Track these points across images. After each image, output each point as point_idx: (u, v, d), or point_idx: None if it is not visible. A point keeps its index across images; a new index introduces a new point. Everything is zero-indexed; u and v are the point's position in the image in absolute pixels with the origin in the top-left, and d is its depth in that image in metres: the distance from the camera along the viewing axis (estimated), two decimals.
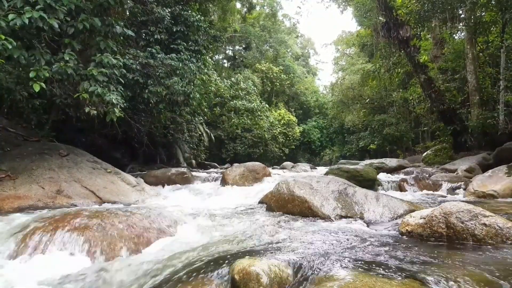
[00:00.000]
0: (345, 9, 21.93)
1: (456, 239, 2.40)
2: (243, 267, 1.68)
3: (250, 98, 25.40)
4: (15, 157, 5.31)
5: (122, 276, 2.03)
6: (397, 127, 22.73)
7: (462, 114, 12.66)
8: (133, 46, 8.92)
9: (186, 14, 10.38)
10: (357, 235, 2.64)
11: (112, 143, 10.90)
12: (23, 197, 4.36)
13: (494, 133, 10.73)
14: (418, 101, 19.14)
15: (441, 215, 2.57)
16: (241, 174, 7.73)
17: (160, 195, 6.11)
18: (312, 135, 36.07)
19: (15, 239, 2.51)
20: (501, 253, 2.05)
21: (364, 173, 6.74)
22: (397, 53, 16.18)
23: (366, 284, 1.42)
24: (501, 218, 2.45)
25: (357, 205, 3.47)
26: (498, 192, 5.16)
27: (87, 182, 5.17)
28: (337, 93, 30.80)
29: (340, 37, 35.21)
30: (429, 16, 11.55)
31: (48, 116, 7.95)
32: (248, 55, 34.26)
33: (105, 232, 2.57)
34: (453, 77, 13.29)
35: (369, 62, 26.13)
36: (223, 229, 3.00)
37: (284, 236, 2.63)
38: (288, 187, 3.82)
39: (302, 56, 46.29)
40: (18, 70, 5.10)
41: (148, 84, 8.71)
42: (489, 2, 9.92)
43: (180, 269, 1.95)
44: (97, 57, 5.17)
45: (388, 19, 14.64)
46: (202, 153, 19.24)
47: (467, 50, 11.88)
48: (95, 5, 5.21)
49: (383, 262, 1.86)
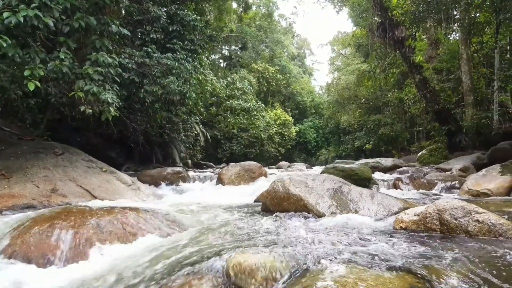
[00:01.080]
0: (340, 10, 22.02)
1: (449, 236, 2.43)
2: (238, 262, 1.69)
3: (246, 98, 25.40)
4: (10, 156, 5.28)
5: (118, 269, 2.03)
6: (392, 127, 22.86)
7: (456, 114, 12.76)
8: (128, 45, 8.90)
9: (182, 13, 10.37)
10: (351, 232, 2.65)
11: (107, 143, 10.87)
12: (18, 195, 4.34)
13: (488, 133, 10.83)
14: (413, 101, 19.26)
15: (435, 212, 2.59)
16: (237, 174, 7.74)
17: (156, 194, 6.10)
18: (308, 135, 36.13)
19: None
20: (494, 248, 2.07)
21: (359, 172, 6.76)
22: (392, 53, 16.23)
23: (360, 278, 1.43)
24: (494, 215, 2.48)
25: (352, 202, 3.49)
26: (492, 191, 5.21)
27: (82, 181, 5.15)
28: (332, 93, 30.88)
29: (336, 38, 35.33)
30: (424, 17, 11.64)
31: (43, 115, 7.91)
32: (244, 55, 34.26)
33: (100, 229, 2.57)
34: (447, 78, 13.40)
35: (364, 63, 26.21)
36: (217, 227, 3.01)
37: (279, 232, 2.64)
38: (283, 186, 3.83)
39: (298, 56, 46.36)
40: (12, 68, 5.07)
41: (143, 83, 8.69)
42: (483, 3, 10.01)
43: (175, 265, 1.96)
44: (93, 56, 5.17)
45: (384, 19, 14.71)
46: (198, 153, 19.23)
47: (462, 50, 11.98)
48: (91, 4, 5.20)
49: (377, 258, 1.88)
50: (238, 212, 4.06)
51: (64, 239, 2.40)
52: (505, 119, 10.77)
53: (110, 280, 1.92)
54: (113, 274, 1.99)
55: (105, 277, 1.96)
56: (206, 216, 3.71)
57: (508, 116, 11.04)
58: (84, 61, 5.21)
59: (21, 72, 4.51)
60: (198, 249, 2.23)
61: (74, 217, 2.65)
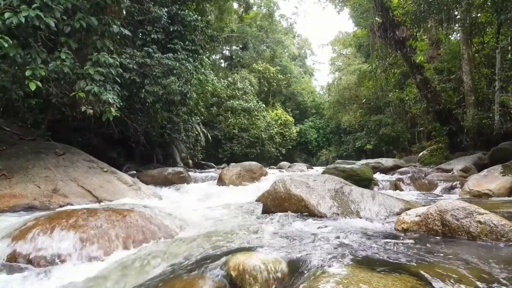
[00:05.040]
0: (341, 10, 22.03)
1: (451, 237, 2.42)
2: (239, 263, 1.69)
3: (247, 98, 25.42)
4: (11, 156, 5.29)
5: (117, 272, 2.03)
6: (393, 128, 22.83)
7: (457, 115, 12.73)
8: (129, 45, 8.90)
9: (183, 13, 10.37)
10: (353, 232, 2.65)
11: (108, 143, 10.88)
12: (19, 196, 4.34)
13: (489, 133, 10.81)
14: (414, 102, 19.23)
15: (437, 212, 2.59)
16: (238, 174, 7.74)
17: (156, 194, 6.10)
18: (309, 135, 36.14)
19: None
20: (496, 249, 2.07)
21: (360, 172, 6.76)
22: (393, 53, 16.22)
23: (362, 279, 1.43)
24: (496, 216, 2.47)
25: (353, 203, 3.48)
26: (493, 191, 5.19)
27: (83, 181, 5.15)
28: (333, 94, 30.88)
29: (337, 38, 35.35)
30: (425, 17, 11.62)
31: (44, 115, 7.92)
32: (245, 55, 34.27)
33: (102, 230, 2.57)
34: (449, 78, 13.36)
35: (365, 63, 26.21)
36: (219, 227, 3.01)
37: (280, 233, 2.64)
38: (284, 186, 3.82)
39: (299, 56, 46.39)
40: (14, 69, 5.07)
41: (144, 84, 8.70)
42: (484, 3, 10.00)
43: (177, 265, 1.96)
44: (94, 56, 5.17)
45: (385, 19, 14.69)
46: (199, 153, 19.25)
47: (463, 50, 11.96)
48: (92, 4, 5.20)
49: (379, 259, 1.88)
50: (239, 212, 4.06)
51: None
52: (506, 119, 10.76)
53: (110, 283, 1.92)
54: (115, 275, 1.99)
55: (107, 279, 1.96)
56: (207, 216, 3.71)
57: (510, 116, 11.03)
58: (85, 62, 5.22)
59: (22, 72, 4.52)
60: (199, 249, 2.23)
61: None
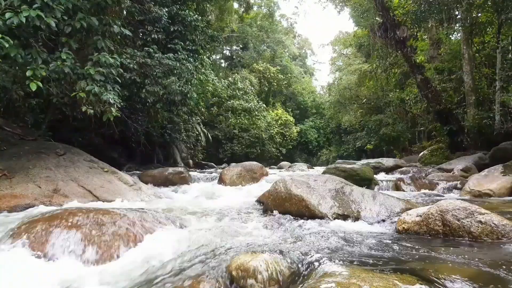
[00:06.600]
0: (342, 10, 22.04)
1: (452, 236, 2.42)
2: (240, 263, 1.69)
3: (248, 98, 25.40)
4: (12, 156, 5.28)
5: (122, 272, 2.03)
6: (394, 127, 22.81)
7: (458, 114, 12.72)
8: (130, 45, 8.90)
9: (184, 13, 10.37)
10: (354, 232, 2.65)
11: (109, 143, 10.89)
12: (20, 196, 4.34)
13: (490, 133, 10.79)
14: (415, 101, 19.20)
15: (437, 212, 2.59)
16: (239, 174, 7.73)
17: (157, 194, 6.10)
18: (309, 135, 36.13)
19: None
20: (497, 249, 2.07)
21: (361, 172, 6.76)
22: (394, 53, 16.24)
23: (363, 279, 1.43)
24: (496, 216, 2.47)
25: (354, 203, 3.48)
26: (494, 191, 5.19)
27: (84, 181, 5.15)
28: (334, 93, 30.88)
29: (337, 38, 35.30)
30: (426, 17, 11.61)
31: (45, 115, 7.93)
32: (246, 55, 34.28)
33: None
34: (449, 78, 13.35)
35: (366, 63, 26.19)
36: (220, 227, 3.01)
37: (281, 233, 2.64)
38: (285, 186, 3.82)
39: (300, 56, 46.36)
40: (14, 69, 5.07)
41: (145, 84, 8.70)
42: (485, 3, 9.99)
43: (178, 266, 1.96)
44: (94, 56, 5.17)
45: (385, 19, 14.69)
46: (199, 153, 19.23)
47: (464, 50, 11.94)
48: (92, 4, 5.20)
49: (380, 259, 1.88)
50: (239, 212, 4.06)
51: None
52: (507, 119, 10.73)
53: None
54: (122, 276, 1.99)
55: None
56: (208, 216, 3.70)
57: (510, 116, 11.00)
58: (85, 62, 5.21)
59: (23, 73, 4.51)
60: (200, 250, 2.23)
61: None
